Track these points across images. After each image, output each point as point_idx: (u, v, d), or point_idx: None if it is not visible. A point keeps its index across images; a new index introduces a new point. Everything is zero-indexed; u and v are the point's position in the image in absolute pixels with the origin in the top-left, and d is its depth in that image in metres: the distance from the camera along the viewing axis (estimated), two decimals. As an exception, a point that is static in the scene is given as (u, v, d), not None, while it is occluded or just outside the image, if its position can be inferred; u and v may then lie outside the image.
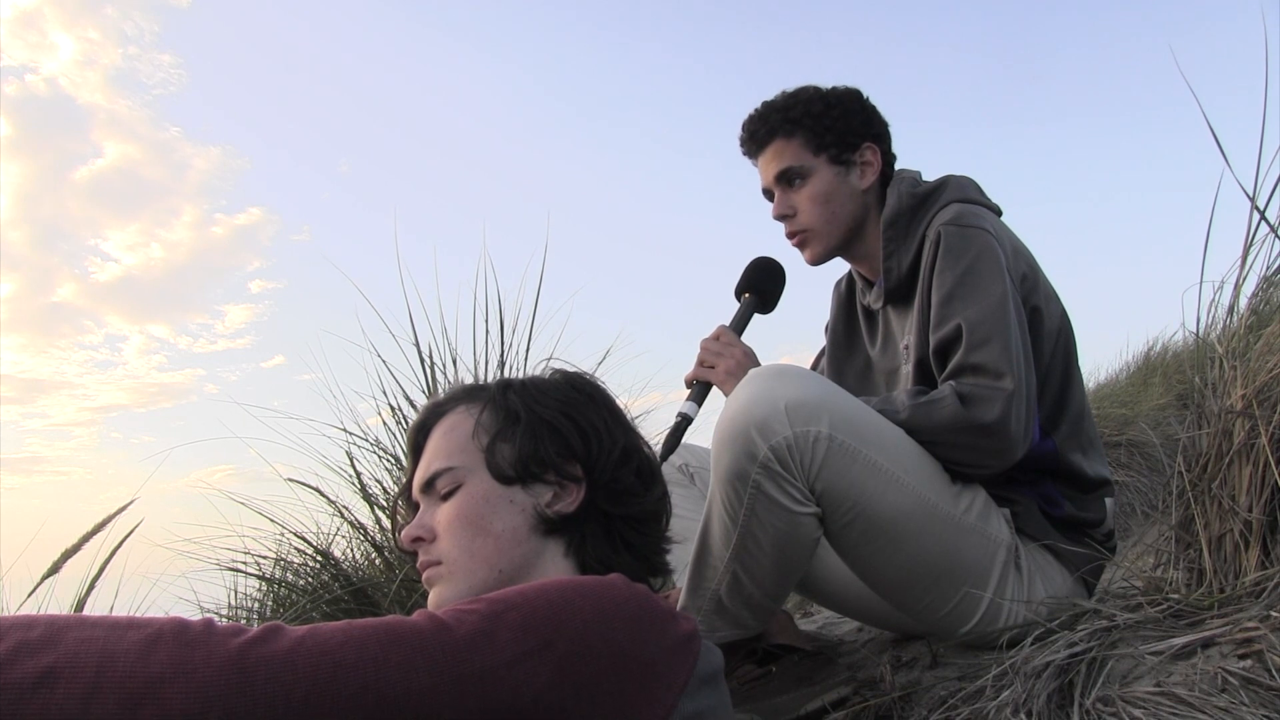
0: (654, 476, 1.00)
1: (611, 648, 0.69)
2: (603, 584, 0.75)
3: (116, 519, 1.96)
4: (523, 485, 0.92)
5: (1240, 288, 1.42)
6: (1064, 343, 1.48)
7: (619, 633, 0.70)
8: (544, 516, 0.91)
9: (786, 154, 1.56)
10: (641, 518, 0.96)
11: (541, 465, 0.92)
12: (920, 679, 1.37)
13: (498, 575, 0.89)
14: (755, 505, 1.22)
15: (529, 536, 0.91)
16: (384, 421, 2.23)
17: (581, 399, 0.97)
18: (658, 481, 1.00)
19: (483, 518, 0.90)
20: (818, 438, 1.20)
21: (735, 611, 1.32)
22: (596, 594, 0.72)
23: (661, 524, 1.00)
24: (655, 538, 0.98)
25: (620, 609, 0.72)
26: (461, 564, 0.90)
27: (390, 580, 2.01)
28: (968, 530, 1.31)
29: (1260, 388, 1.26)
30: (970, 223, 1.41)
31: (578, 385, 1.00)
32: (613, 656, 0.69)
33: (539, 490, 0.92)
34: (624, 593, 0.74)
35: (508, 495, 0.91)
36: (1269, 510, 1.22)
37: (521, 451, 0.92)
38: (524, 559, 0.90)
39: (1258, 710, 0.96)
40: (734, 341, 1.52)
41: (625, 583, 0.77)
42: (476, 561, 0.89)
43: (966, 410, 1.29)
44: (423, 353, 2.20)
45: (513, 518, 0.91)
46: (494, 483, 0.92)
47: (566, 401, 0.96)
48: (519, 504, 0.91)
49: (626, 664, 0.70)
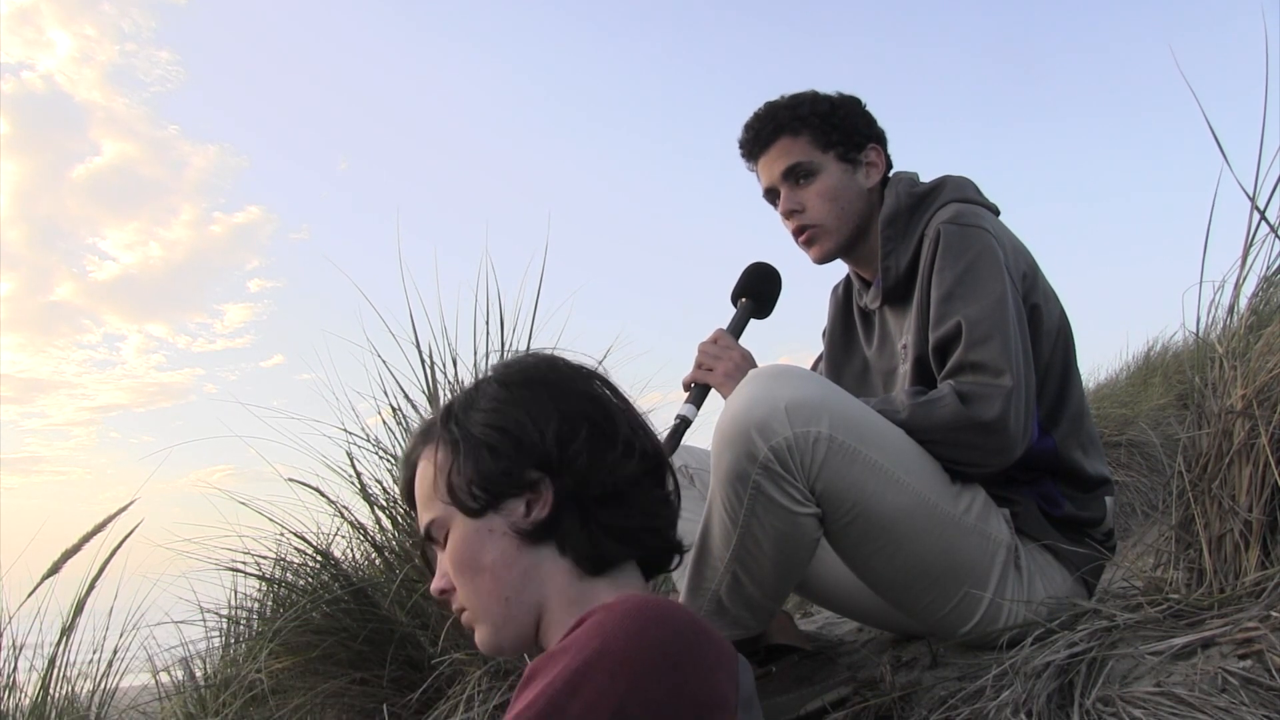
0: (612, 438, 0.90)
1: (677, 697, 0.68)
2: (641, 640, 0.70)
3: (116, 519, 1.96)
4: (494, 510, 0.90)
5: (1240, 288, 1.42)
6: (1063, 341, 1.48)
7: (683, 679, 0.69)
8: (523, 531, 0.89)
9: (794, 150, 1.57)
10: (611, 492, 0.89)
11: (495, 485, 0.90)
12: (920, 679, 1.37)
13: (506, 603, 0.90)
14: (755, 506, 1.22)
15: (519, 555, 0.90)
16: (384, 421, 2.23)
17: (509, 396, 0.92)
18: (619, 442, 0.91)
19: (472, 557, 0.91)
20: (818, 438, 1.20)
21: (735, 612, 1.32)
22: (640, 652, 0.69)
23: (639, 496, 0.91)
24: (635, 514, 0.90)
25: (673, 652, 0.70)
26: (477, 607, 0.92)
27: (390, 580, 2.01)
28: (968, 530, 1.31)
29: (1260, 388, 1.26)
30: (970, 222, 1.42)
31: (507, 379, 0.94)
32: (678, 705, 0.68)
33: (510, 507, 0.90)
34: (668, 634, 0.71)
35: (485, 526, 0.90)
36: (1269, 510, 1.22)
37: (470, 481, 0.90)
38: (523, 577, 0.90)
39: (1258, 710, 0.96)
40: (732, 344, 1.52)
41: (658, 621, 0.72)
42: (486, 599, 0.91)
43: (966, 408, 1.29)
44: (423, 352, 2.19)
45: (496, 545, 0.90)
46: (467, 520, 0.91)
47: (494, 410, 0.91)
48: (497, 529, 0.90)
49: (694, 709, 0.69)
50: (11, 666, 1.96)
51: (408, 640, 1.90)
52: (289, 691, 1.93)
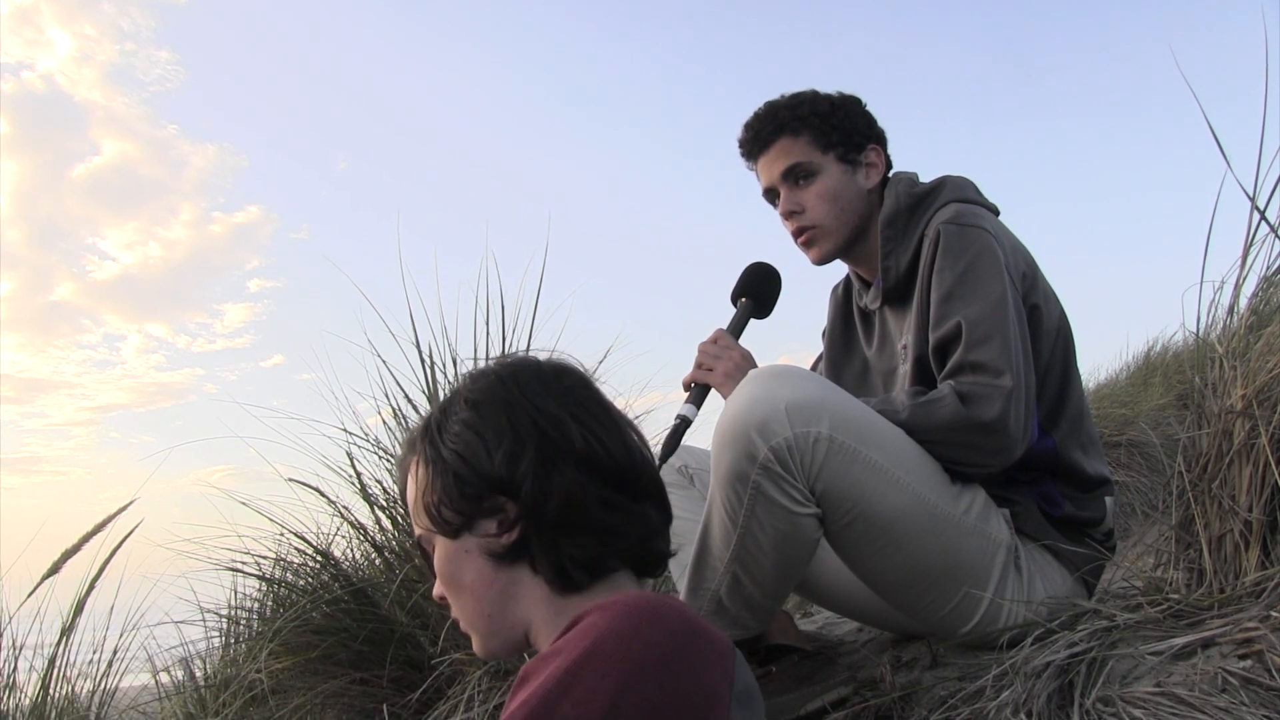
0: (566, 456, 0.86)
1: (669, 697, 0.68)
2: (633, 640, 0.69)
3: (116, 519, 1.96)
4: (468, 530, 0.90)
5: (1240, 288, 1.42)
6: (1063, 341, 1.49)
7: (675, 679, 0.69)
8: (495, 553, 0.89)
9: (794, 151, 1.57)
10: (567, 515, 0.85)
11: (464, 507, 0.89)
12: (920, 679, 1.37)
13: (489, 619, 0.91)
14: (755, 506, 1.22)
15: (495, 575, 0.90)
16: (384, 421, 2.23)
17: (470, 417, 0.90)
18: (572, 460, 0.86)
19: (453, 575, 0.92)
20: (818, 438, 1.20)
21: (735, 612, 1.32)
22: (634, 655, 0.69)
23: (603, 515, 0.86)
24: (593, 537, 0.86)
25: (664, 652, 0.70)
26: (465, 620, 0.94)
27: (390, 580, 2.01)
28: (967, 530, 1.31)
29: (1260, 388, 1.26)
30: (969, 222, 1.42)
31: (471, 397, 0.92)
32: (670, 705, 0.69)
33: (484, 527, 0.89)
34: (660, 635, 0.71)
35: (461, 547, 0.91)
36: (1269, 510, 1.22)
37: (441, 503, 0.90)
38: (502, 595, 0.90)
39: (1258, 710, 0.96)
40: (732, 344, 1.52)
41: (651, 621, 0.71)
42: (471, 615, 0.92)
43: (966, 409, 1.29)
44: (423, 352, 2.19)
45: (473, 565, 0.90)
46: (446, 540, 0.92)
47: (457, 433, 0.90)
48: (473, 550, 0.90)
49: (687, 709, 0.69)
50: (11, 666, 1.96)
51: (408, 640, 1.90)
52: (289, 691, 1.93)
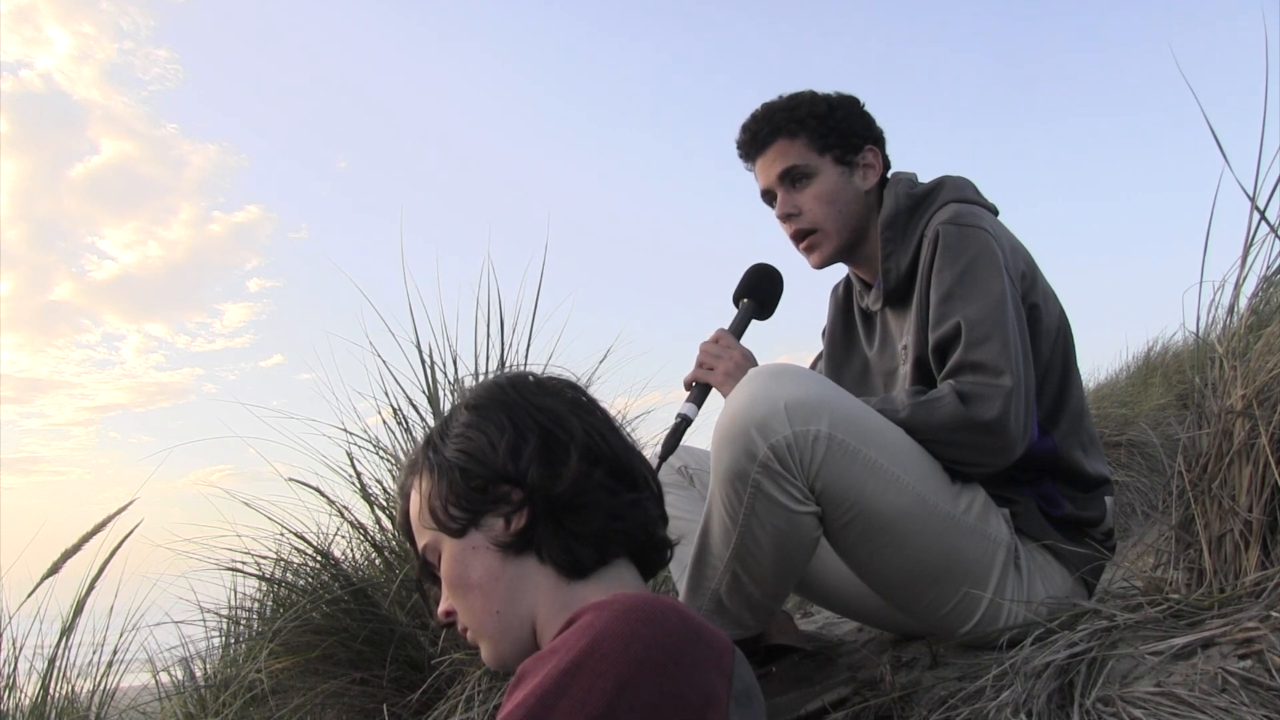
0: (566, 445, 0.92)
1: (665, 697, 0.69)
2: (630, 641, 0.70)
3: (116, 519, 1.96)
4: (475, 527, 0.94)
5: (1240, 288, 1.42)
6: (1063, 340, 1.49)
7: (672, 679, 0.70)
8: (503, 544, 0.92)
9: (791, 153, 1.56)
10: (573, 498, 0.91)
11: (470, 502, 0.93)
12: (920, 679, 1.37)
13: (498, 616, 0.93)
14: (755, 505, 1.22)
15: (503, 568, 0.93)
16: (384, 421, 2.23)
17: (472, 418, 0.96)
18: (574, 449, 0.92)
19: (461, 575, 0.94)
20: (817, 437, 1.20)
21: (735, 611, 1.32)
22: (630, 652, 0.69)
23: (606, 500, 0.92)
24: (599, 518, 0.91)
25: (662, 653, 0.70)
26: (474, 624, 0.95)
27: (390, 580, 2.01)
28: (967, 530, 1.31)
29: (1260, 388, 1.26)
30: (969, 222, 1.42)
31: (472, 403, 0.98)
32: (666, 705, 0.69)
33: (490, 523, 0.93)
34: (657, 635, 0.71)
35: (468, 545, 0.94)
36: (1269, 510, 1.22)
37: (447, 502, 0.94)
38: (510, 589, 0.92)
39: (1258, 710, 0.96)
40: (733, 344, 1.52)
41: (648, 622, 0.72)
42: (479, 616, 0.94)
43: (966, 408, 1.29)
44: (423, 352, 2.19)
45: (481, 561, 0.93)
46: (453, 541, 0.95)
47: (460, 434, 0.96)
48: (479, 546, 0.93)
49: (683, 710, 0.70)
50: (11, 667, 1.96)
51: (408, 640, 1.90)
52: (289, 691, 1.93)
